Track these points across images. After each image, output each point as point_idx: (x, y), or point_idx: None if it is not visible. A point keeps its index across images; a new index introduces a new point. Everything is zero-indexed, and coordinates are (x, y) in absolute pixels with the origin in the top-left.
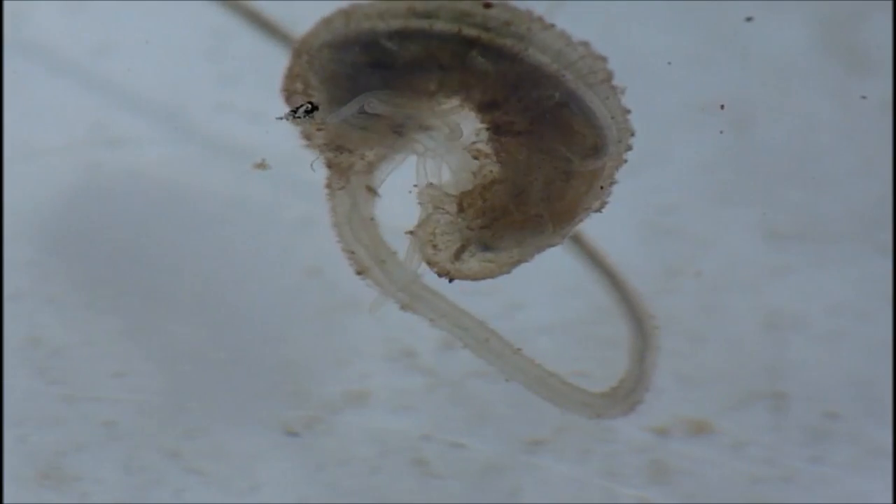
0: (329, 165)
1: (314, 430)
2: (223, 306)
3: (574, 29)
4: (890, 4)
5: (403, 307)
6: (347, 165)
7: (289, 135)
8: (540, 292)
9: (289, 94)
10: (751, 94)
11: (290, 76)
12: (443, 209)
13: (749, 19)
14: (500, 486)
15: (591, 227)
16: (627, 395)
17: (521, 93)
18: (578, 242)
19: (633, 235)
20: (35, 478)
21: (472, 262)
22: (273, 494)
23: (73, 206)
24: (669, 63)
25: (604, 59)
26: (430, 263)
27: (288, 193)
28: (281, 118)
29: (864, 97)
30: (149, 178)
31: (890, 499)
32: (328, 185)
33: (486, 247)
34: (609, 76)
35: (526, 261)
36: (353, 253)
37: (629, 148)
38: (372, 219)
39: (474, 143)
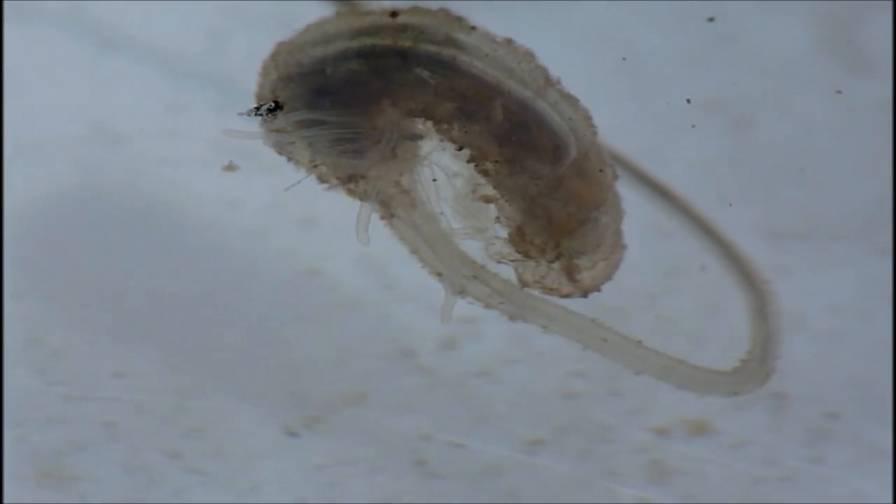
0: (362, 199)
1: (314, 430)
2: (223, 306)
3: (574, 29)
4: (890, 4)
5: (512, 317)
6: (377, 195)
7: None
8: None
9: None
10: (751, 94)
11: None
12: (520, 262)
13: (711, 19)
14: (500, 486)
15: None
16: (759, 365)
17: (464, 104)
18: (690, 215)
19: (633, 235)
20: (35, 478)
21: (587, 272)
22: (273, 494)
23: (73, 205)
24: (624, 59)
25: (532, 55)
26: (562, 297)
27: (287, 194)
28: (242, 114)
29: (839, 91)
30: (149, 178)
31: (890, 499)
32: (382, 218)
33: (581, 254)
34: (542, 71)
35: (618, 228)
36: (441, 276)
37: (594, 132)
38: (444, 235)
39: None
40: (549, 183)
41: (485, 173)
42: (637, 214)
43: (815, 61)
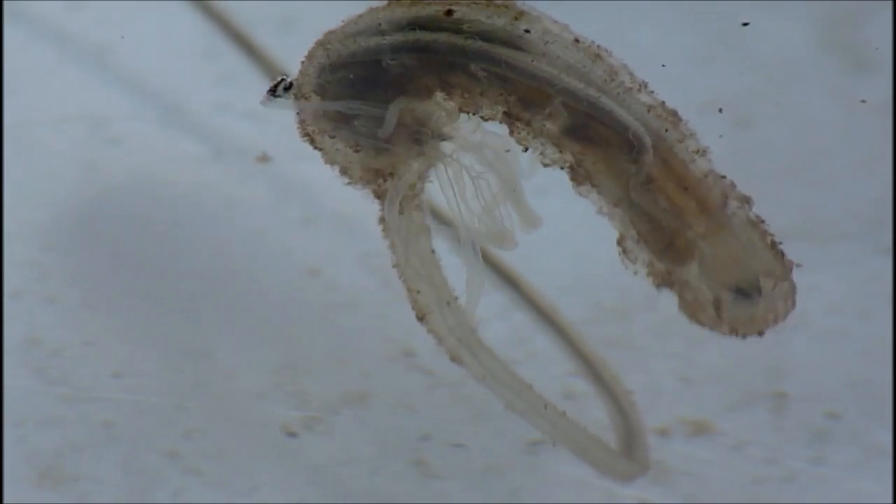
0: (377, 196)
1: (314, 431)
2: (223, 306)
3: (575, 28)
4: (890, 4)
5: (453, 358)
6: (395, 192)
7: (288, 133)
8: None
9: (305, 135)
10: (751, 94)
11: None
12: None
13: (745, 24)
14: (500, 486)
15: (592, 227)
16: (630, 460)
17: (522, 101)
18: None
19: None
20: (34, 478)
21: (732, 308)
22: (273, 494)
23: (72, 205)
24: (664, 65)
25: (600, 54)
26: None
27: (288, 193)
28: (262, 102)
29: (863, 101)
30: (149, 178)
31: (890, 499)
32: (382, 221)
33: (741, 293)
34: (610, 69)
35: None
36: (418, 292)
37: (681, 131)
38: (433, 252)
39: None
40: (641, 183)
41: (572, 171)
42: None
43: (815, 61)
